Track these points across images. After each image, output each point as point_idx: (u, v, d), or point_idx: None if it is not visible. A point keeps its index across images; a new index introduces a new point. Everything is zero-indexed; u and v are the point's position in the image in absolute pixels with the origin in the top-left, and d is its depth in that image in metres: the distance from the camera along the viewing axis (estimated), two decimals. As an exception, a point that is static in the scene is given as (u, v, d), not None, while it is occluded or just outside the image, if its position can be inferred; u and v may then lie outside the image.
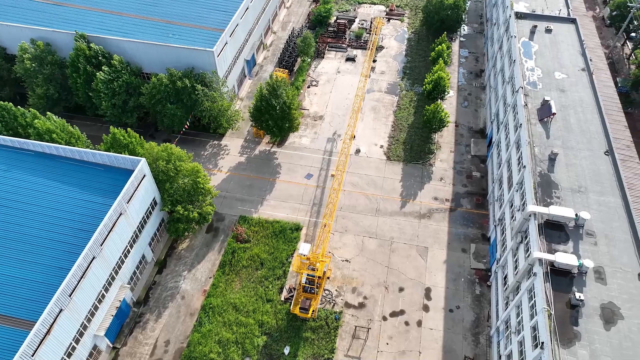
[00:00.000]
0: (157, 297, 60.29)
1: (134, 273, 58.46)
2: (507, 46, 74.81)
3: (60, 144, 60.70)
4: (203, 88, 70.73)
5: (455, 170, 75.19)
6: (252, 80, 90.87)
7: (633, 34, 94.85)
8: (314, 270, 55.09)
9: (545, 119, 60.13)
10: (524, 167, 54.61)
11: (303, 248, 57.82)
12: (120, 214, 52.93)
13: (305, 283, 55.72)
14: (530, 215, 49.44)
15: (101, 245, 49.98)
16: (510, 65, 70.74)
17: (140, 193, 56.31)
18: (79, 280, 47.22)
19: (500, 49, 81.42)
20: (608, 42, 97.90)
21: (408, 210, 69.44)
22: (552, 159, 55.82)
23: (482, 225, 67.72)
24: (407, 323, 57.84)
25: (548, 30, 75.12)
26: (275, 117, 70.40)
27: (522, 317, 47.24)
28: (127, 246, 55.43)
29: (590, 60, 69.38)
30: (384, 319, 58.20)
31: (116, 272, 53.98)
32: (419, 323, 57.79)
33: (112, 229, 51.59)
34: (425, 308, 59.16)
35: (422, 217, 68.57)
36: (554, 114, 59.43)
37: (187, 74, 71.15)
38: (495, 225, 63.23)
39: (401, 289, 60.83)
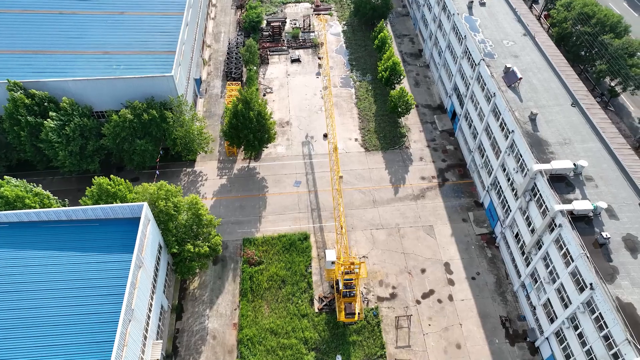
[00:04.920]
0: (186, 344, 56.21)
1: (158, 326, 53.90)
2: (451, 24, 79.40)
3: (34, 208, 53.72)
4: (173, 115, 66.37)
5: (430, 147, 78.72)
6: (203, 99, 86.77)
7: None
8: (351, 273, 54.88)
9: (513, 85, 65.15)
10: (512, 131, 58.93)
11: (329, 255, 57.35)
12: (140, 267, 48.41)
13: (344, 288, 55.31)
14: (536, 174, 53.64)
15: (132, 307, 45.43)
16: (461, 41, 75.29)
17: (149, 240, 51.86)
18: (122, 351, 42.63)
19: (440, 27, 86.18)
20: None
21: (402, 195, 71.56)
22: (533, 119, 60.79)
23: (471, 193, 71.92)
24: (439, 301, 60.07)
25: (482, 4, 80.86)
26: (254, 130, 68.25)
27: (553, 266, 51.46)
28: (149, 300, 50.90)
29: (528, 25, 76.17)
30: (418, 302, 59.88)
31: (146, 330, 49.44)
32: (450, 297, 60.30)
33: (136, 285, 47.07)
34: (451, 282, 61.83)
35: (417, 198, 71.07)
36: (521, 78, 64.58)
37: (151, 105, 66.16)
38: (487, 191, 67.56)
39: (423, 270, 62.87)
